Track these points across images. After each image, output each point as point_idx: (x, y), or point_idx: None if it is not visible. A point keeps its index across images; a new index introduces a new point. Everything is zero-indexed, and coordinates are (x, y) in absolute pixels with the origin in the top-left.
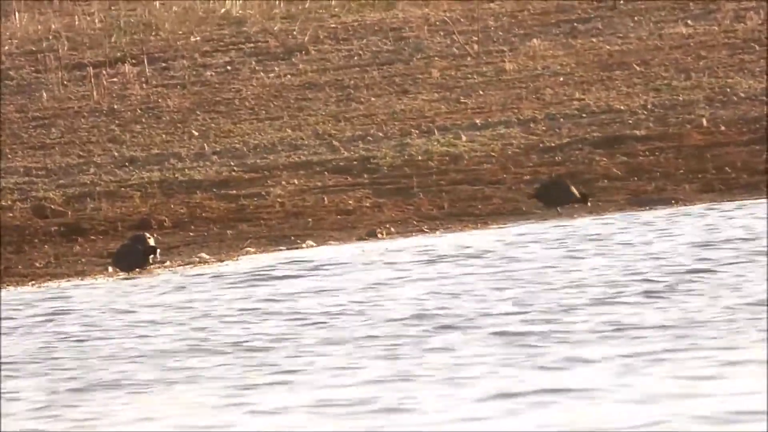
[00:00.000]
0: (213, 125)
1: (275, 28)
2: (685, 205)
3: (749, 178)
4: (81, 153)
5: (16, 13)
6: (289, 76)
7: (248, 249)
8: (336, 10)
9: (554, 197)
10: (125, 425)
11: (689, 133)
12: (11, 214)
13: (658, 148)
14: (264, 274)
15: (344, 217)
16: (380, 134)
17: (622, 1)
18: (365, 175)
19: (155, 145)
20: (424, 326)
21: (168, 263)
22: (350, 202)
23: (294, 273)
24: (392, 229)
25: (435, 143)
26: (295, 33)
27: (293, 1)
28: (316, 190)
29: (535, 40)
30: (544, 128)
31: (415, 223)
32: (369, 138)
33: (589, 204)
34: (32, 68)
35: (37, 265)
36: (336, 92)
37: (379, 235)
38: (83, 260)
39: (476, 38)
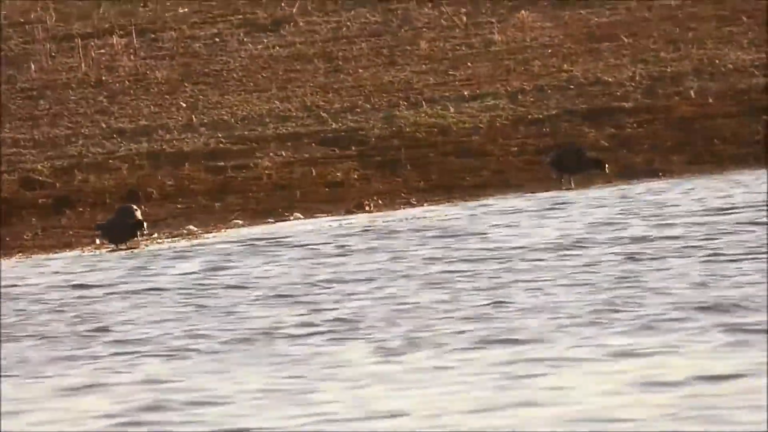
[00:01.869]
0: (201, 97)
1: (263, 0)
2: (673, 176)
3: (737, 150)
4: (69, 125)
5: None
6: (277, 48)
7: (236, 221)
8: None
9: (569, 164)
10: None
11: (677, 105)
12: None
13: (646, 120)
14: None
15: (332, 189)
16: (368, 106)
17: None
18: (353, 147)
19: (143, 116)
20: None
21: (156, 235)
22: (338, 174)
23: None
24: (380, 202)
25: (423, 115)
26: (283, 5)
27: None
28: (303, 162)
29: (523, 12)
30: (532, 100)
31: (403, 195)
32: (357, 110)
33: (606, 169)
34: (20, 40)
35: (25, 237)
36: (324, 64)
37: (367, 208)
38: (71, 232)
39: (464, 10)
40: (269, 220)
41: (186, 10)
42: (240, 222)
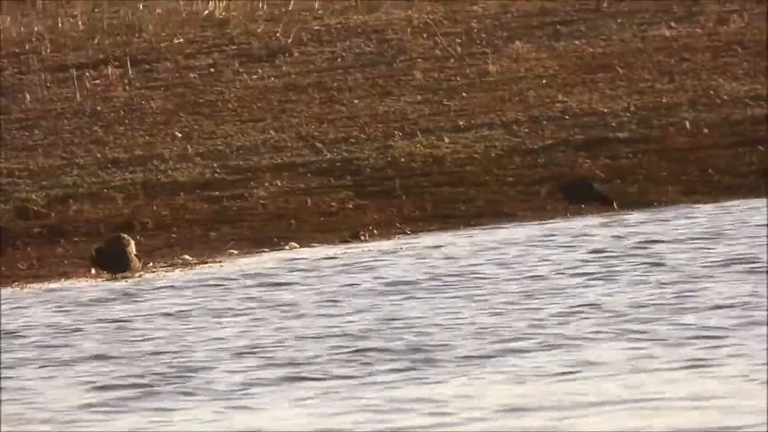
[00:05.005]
0: (196, 127)
1: (258, 30)
2: (668, 206)
3: (732, 181)
4: (64, 154)
5: None
6: (272, 78)
7: (231, 251)
8: (319, 12)
9: (578, 195)
10: None
11: (672, 136)
12: None
13: (641, 151)
14: None
15: (327, 218)
16: (363, 136)
17: (605, 4)
18: (348, 177)
19: (138, 146)
20: None
21: (151, 265)
22: (333, 204)
23: None
24: (375, 231)
25: (418, 145)
26: (278, 35)
27: (276, 3)
28: (299, 191)
29: (518, 43)
30: (527, 130)
31: (398, 225)
32: (352, 140)
33: (615, 206)
34: (15, 70)
35: (20, 267)
36: (319, 94)
37: (362, 237)
38: (66, 262)
39: (459, 40)
40: (264, 249)
41: (181, 40)
42: (235, 252)
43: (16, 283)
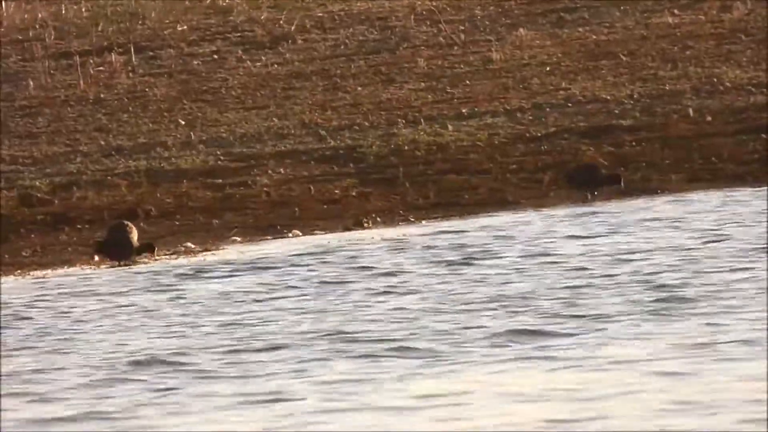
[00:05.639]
0: (199, 114)
1: (262, 18)
2: (671, 194)
3: (735, 168)
4: (67, 142)
5: (3, 2)
6: (275, 66)
7: (234, 238)
8: None
9: (585, 180)
10: None
11: (675, 123)
12: None
13: (645, 138)
14: None
15: (330, 206)
16: (366, 124)
17: None
18: (351, 165)
19: (142, 134)
20: None
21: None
22: (336, 191)
23: None
24: (378, 219)
25: (421, 133)
26: (281, 22)
27: None
28: (302, 179)
29: (521, 30)
30: (530, 118)
31: (401, 212)
32: (355, 127)
33: (622, 184)
34: (19, 57)
35: (24, 254)
36: (322, 81)
37: (365, 225)
38: (69, 249)
39: (463, 28)
40: (267, 237)
41: (184, 27)
42: (238, 239)
43: (19, 271)
